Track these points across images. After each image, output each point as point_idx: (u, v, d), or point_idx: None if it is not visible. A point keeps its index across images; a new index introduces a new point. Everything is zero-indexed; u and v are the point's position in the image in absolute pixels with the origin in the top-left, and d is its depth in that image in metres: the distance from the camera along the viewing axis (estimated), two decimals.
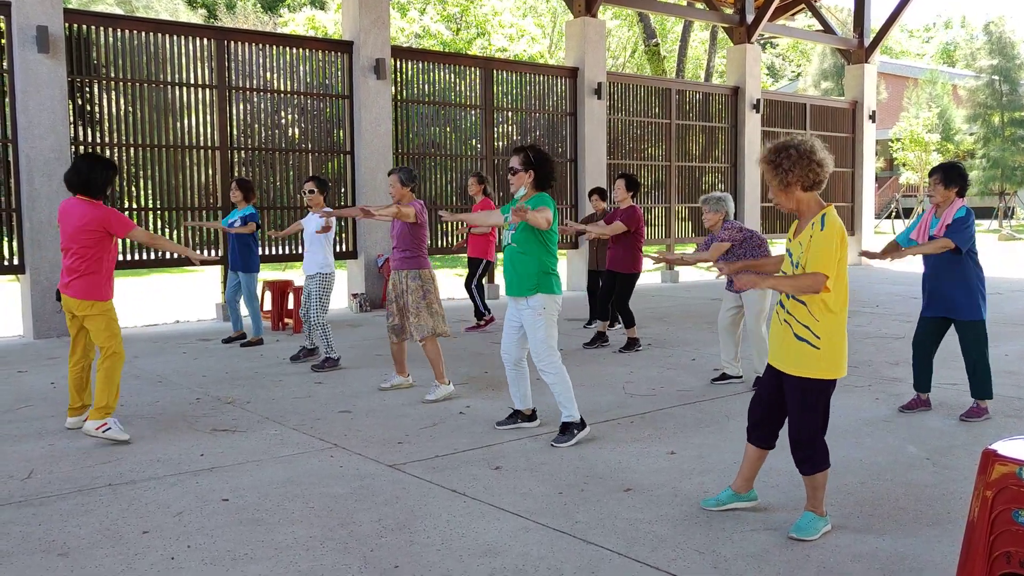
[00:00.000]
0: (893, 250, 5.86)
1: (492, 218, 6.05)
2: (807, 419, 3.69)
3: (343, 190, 12.30)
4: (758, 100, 17.48)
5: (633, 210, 8.44)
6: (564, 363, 5.31)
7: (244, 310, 9.39)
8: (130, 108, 10.64)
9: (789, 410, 3.75)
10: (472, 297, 9.97)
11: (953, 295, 5.64)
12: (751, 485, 4.03)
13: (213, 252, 11.01)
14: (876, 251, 5.85)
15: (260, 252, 11.47)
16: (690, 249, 22.85)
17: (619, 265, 8.50)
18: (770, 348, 3.84)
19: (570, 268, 15.00)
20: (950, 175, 5.64)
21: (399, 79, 12.75)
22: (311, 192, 7.83)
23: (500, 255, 9.96)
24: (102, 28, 10.35)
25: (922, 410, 5.91)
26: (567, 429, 5.22)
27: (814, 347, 3.61)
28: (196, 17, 34.28)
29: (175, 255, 10.71)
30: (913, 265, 18.18)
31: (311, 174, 10.24)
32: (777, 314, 3.78)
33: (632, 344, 8.49)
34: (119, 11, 27.04)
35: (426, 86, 13.17)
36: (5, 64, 9.65)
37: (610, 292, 8.69)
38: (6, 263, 9.83)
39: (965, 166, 7.71)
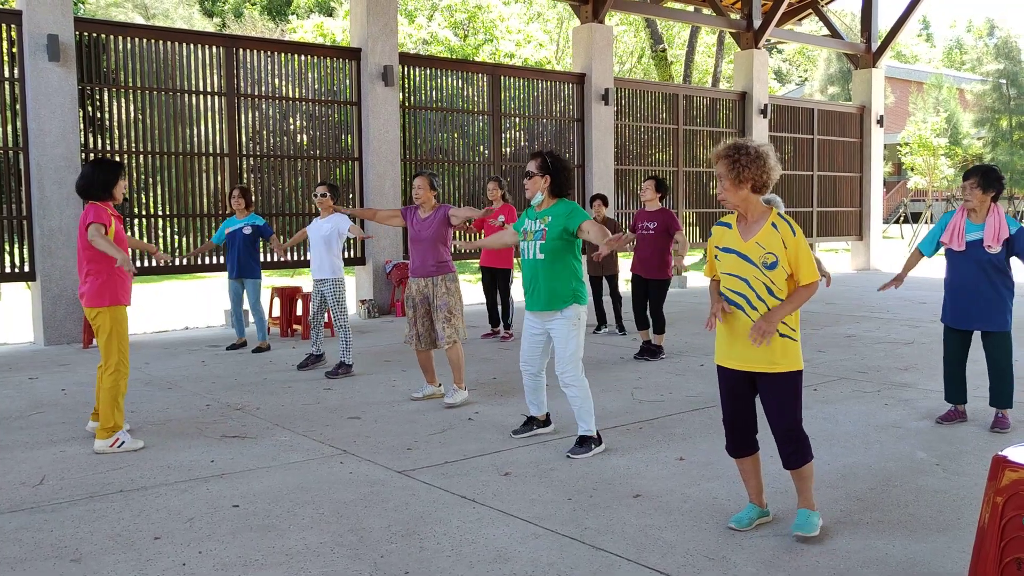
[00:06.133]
0: (914, 263, 5.80)
1: (506, 238, 5.85)
2: (796, 412, 3.77)
3: (351, 196, 12.34)
4: (766, 105, 17.48)
5: (672, 213, 8.47)
6: None
7: (250, 316, 9.44)
8: (140, 115, 10.70)
9: (776, 408, 3.76)
10: (506, 307, 9.78)
11: (990, 307, 5.49)
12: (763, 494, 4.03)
13: (216, 259, 11.05)
14: (890, 281, 5.77)
15: (268, 259, 11.55)
16: (700, 255, 22.84)
17: (652, 272, 8.42)
18: (739, 351, 3.79)
19: None
20: (989, 179, 5.41)
21: (407, 85, 12.78)
22: (323, 196, 7.86)
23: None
24: (112, 36, 10.42)
25: (959, 422, 5.77)
26: (585, 442, 5.13)
27: (794, 340, 3.76)
28: (211, 26, 34.35)
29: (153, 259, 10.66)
30: (922, 270, 18.07)
31: (320, 180, 10.31)
32: (739, 317, 3.75)
33: (657, 352, 8.37)
34: (138, 18, 27.10)
35: (434, 92, 13.20)
36: (16, 72, 9.72)
37: (644, 299, 8.54)
38: (17, 270, 9.89)
39: (1000, 169, 7.44)
